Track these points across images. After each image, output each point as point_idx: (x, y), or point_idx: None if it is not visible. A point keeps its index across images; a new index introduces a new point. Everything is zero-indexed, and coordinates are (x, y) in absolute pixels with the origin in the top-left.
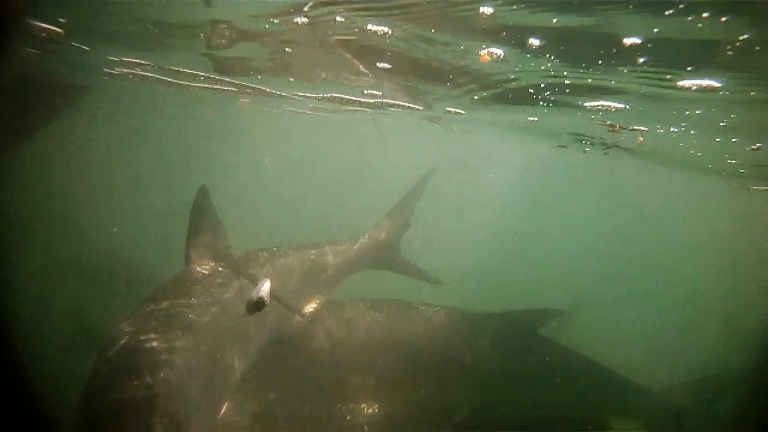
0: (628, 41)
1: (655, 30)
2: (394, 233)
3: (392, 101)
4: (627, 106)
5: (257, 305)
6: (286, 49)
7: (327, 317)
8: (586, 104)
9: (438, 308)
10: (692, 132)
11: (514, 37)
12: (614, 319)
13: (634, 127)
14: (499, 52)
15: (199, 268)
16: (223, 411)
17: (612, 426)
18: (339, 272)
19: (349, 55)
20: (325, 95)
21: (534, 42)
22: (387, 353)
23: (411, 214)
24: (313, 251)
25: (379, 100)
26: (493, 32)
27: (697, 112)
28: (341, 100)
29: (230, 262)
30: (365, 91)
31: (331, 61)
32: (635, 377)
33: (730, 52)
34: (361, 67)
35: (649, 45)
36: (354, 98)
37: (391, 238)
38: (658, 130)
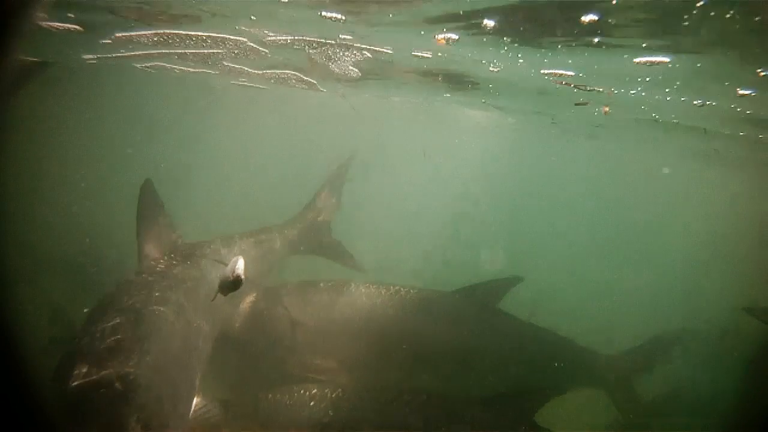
0: (585, 18)
1: (614, 2)
2: (324, 216)
3: (366, 46)
4: (581, 74)
5: (235, 284)
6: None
7: (287, 299)
8: (541, 71)
9: (398, 287)
10: (643, 94)
11: (469, 20)
12: (580, 290)
13: (593, 87)
14: (454, 36)
15: (154, 263)
16: (193, 407)
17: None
18: (274, 258)
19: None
20: (296, 37)
21: (489, 23)
22: (348, 334)
23: (340, 196)
24: (251, 239)
25: (347, 41)
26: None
27: (648, 78)
28: (310, 44)
29: (191, 252)
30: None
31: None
32: (595, 345)
33: (686, 23)
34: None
35: (609, 20)
36: (322, 40)
37: (321, 221)
38: (614, 91)
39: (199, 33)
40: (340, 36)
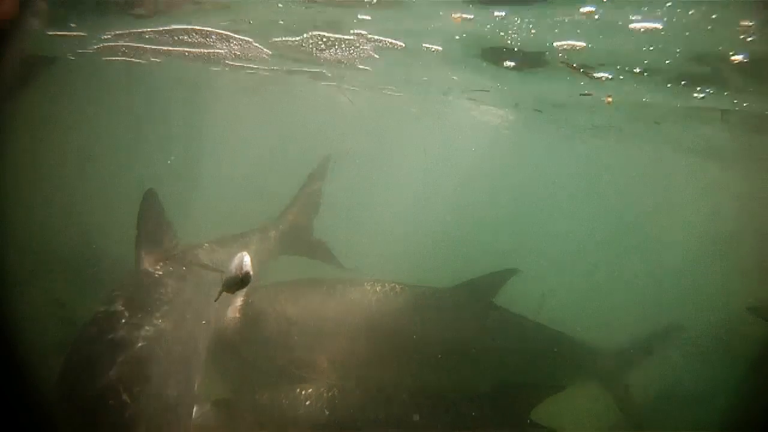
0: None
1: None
2: (304, 217)
3: (378, 37)
4: (589, 45)
5: (243, 281)
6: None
7: (281, 298)
8: (554, 44)
9: (393, 284)
10: (645, 74)
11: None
12: (575, 286)
13: (598, 75)
14: (470, 16)
15: (151, 269)
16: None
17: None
18: (262, 260)
19: None
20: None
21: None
22: (343, 332)
23: (319, 197)
24: (236, 243)
25: (362, 34)
26: None
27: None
28: (323, 39)
29: (186, 258)
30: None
31: None
32: (592, 340)
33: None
34: None
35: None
36: (338, 36)
37: (301, 222)
38: (620, 78)
39: (207, 28)
40: (355, 19)
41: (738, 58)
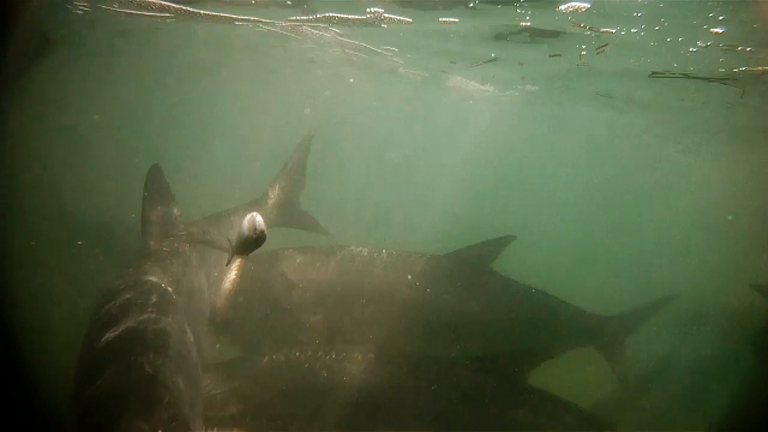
0: None
1: None
2: (291, 191)
3: (389, 15)
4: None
5: (258, 241)
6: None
7: (283, 264)
8: (560, 7)
9: (391, 251)
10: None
11: None
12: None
13: (604, 29)
14: None
15: (159, 245)
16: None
17: (568, 355)
18: None
19: None
20: (318, 15)
21: None
22: (342, 297)
23: (303, 171)
24: (232, 218)
25: (375, 11)
26: None
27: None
28: (335, 20)
29: (192, 234)
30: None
31: None
32: (593, 307)
33: None
34: None
35: None
36: (350, 16)
37: (288, 195)
38: (621, 33)
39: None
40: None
41: (717, 30)
